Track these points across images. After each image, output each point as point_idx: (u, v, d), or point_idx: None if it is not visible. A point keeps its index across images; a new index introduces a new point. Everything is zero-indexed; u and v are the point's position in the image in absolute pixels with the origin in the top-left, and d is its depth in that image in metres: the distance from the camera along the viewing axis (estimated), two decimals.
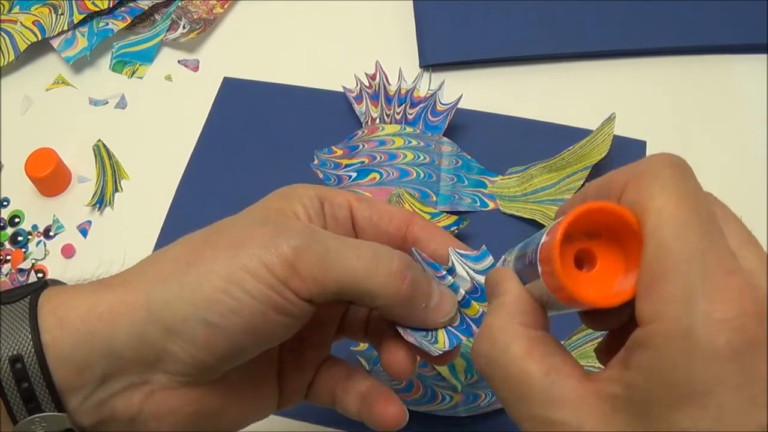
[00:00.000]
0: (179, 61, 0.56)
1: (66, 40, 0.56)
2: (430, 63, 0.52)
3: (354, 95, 0.51)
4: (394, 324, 0.28)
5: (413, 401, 0.40)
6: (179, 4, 0.58)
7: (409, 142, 0.48)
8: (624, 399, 0.19)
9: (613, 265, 0.21)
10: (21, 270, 0.48)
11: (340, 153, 0.49)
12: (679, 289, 0.18)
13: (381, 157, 0.47)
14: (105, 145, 0.52)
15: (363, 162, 0.47)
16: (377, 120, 0.50)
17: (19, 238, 0.49)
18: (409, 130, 0.48)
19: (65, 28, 0.56)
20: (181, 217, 0.49)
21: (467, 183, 0.47)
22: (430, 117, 0.49)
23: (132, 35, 0.57)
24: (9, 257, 0.48)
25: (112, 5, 0.57)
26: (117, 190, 0.50)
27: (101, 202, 0.50)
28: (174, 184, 0.50)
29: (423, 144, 0.48)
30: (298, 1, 0.58)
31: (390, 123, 0.49)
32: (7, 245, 0.49)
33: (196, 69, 0.56)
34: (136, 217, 0.49)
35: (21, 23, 0.56)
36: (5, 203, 0.51)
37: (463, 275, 0.28)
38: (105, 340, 0.24)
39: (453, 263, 0.28)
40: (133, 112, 0.54)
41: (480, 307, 0.28)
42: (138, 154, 0.52)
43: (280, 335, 0.26)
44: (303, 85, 0.53)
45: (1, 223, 0.50)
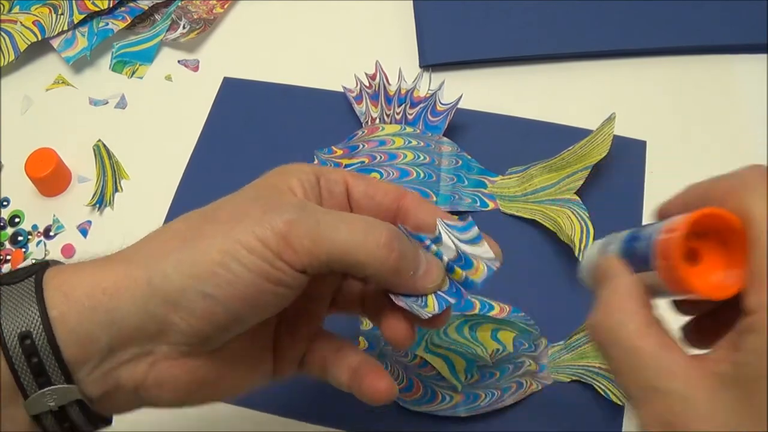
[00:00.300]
0: (179, 61, 0.56)
1: (66, 40, 0.56)
2: (430, 63, 0.52)
3: (354, 95, 0.51)
4: (387, 293, 0.29)
5: (413, 401, 0.40)
6: (179, 4, 0.58)
7: (409, 142, 0.48)
8: (731, 377, 0.22)
9: (716, 261, 0.25)
10: None
11: (340, 153, 0.49)
12: None
13: (381, 157, 0.47)
14: (105, 145, 0.52)
15: (363, 162, 0.47)
16: (377, 120, 0.50)
17: (19, 238, 0.49)
18: (409, 130, 0.48)
19: (65, 28, 0.56)
20: None
21: (467, 183, 0.47)
22: (430, 117, 0.49)
23: (132, 35, 0.57)
24: (9, 257, 0.48)
25: (112, 5, 0.57)
26: (117, 190, 0.50)
27: (101, 202, 0.50)
28: (174, 184, 0.50)
29: (423, 144, 0.48)
30: (298, 1, 0.58)
31: (390, 123, 0.49)
32: (7, 245, 0.49)
33: (196, 69, 0.56)
34: (136, 217, 0.49)
35: (21, 23, 0.56)
36: (5, 203, 0.51)
37: (449, 244, 0.29)
38: (110, 313, 0.25)
39: (440, 233, 0.29)
40: (133, 112, 0.54)
41: (464, 273, 0.30)
42: (138, 154, 0.52)
43: (275, 305, 0.27)
44: (303, 85, 0.53)
45: (1, 223, 0.50)
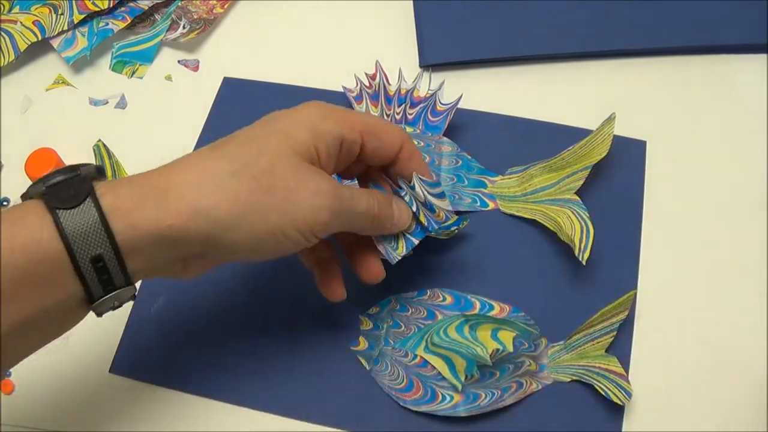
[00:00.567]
0: (179, 61, 0.56)
1: (66, 40, 0.56)
2: (430, 63, 0.52)
3: (354, 95, 0.51)
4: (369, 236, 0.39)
5: (413, 401, 0.40)
6: (179, 4, 0.58)
7: None
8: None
9: None
10: None
11: None
12: None
13: None
14: (105, 145, 0.52)
15: None
16: None
17: None
18: (409, 130, 0.48)
19: (65, 28, 0.56)
20: None
21: (467, 183, 0.47)
22: (430, 117, 0.49)
23: (132, 35, 0.57)
24: None
25: (112, 5, 0.57)
26: None
27: None
28: None
29: (423, 144, 0.48)
30: (298, 1, 0.58)
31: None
32: None
33: (196, 69, 0.56)
34: None
35: (21, 23, 0.56)
36: (5, 203, 0.51)
37: (420, 194, 0.38)
38: (173, 241, 0.31)
39: (414, 184, 0.38)
40: (133, 112, 0.54)
41: (427, 216, 0.39)
42: (138, 154, 0.52)
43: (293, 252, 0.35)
44: (303, 85, 0.53)
45: None
